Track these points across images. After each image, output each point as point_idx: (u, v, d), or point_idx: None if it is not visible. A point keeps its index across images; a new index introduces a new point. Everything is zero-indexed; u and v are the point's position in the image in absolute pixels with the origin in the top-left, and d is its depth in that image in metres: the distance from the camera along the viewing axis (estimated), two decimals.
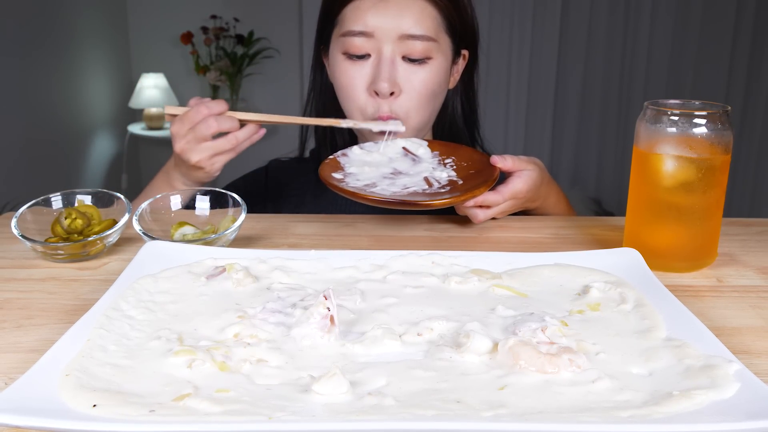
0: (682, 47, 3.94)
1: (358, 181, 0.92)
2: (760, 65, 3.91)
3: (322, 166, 0.97)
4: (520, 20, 3.92)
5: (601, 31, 3.94)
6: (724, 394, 0.49)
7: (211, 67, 3.85)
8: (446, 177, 0.96)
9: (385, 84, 1.03)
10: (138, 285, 0.67)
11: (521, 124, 4.09)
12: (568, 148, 4.16)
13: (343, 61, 1.07)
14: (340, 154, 1.01)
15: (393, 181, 0.94)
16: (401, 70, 1.05)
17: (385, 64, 1.04)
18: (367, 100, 1.06)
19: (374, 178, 0.94)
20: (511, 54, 3.97)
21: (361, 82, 1.06)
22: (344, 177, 0.94)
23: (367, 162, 0.99)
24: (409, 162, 1.00)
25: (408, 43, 1.04)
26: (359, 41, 1.04)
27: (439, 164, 0.99)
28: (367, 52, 1.05)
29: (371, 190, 0.89)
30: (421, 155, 1.01)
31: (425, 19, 1.05)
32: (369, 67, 1.06)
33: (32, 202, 0.86)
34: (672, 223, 0.80)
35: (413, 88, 1.06)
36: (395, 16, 1.03)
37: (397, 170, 0.97)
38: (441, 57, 1.08)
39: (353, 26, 1.05)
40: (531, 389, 0.51)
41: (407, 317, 0.63)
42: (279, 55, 3.99)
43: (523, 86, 4.02)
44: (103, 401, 0.47)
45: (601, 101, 4.05)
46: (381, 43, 1.04)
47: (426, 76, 1.06)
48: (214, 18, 3.84)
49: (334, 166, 0.98)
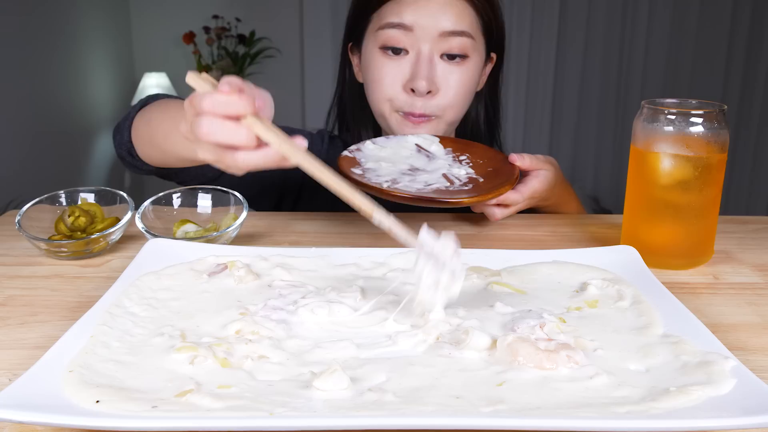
0: (679, 46, 3.94)
1: (379, 177, 0.91)
2: (756, 64, 3.92)
3: (340, 161, 0.95)
4: (519, 19, 3.92)
5: (598, 31, 3.95)
6: (720, 390, 0.50)
7: (213, 66, 3.85)
8: (465, 174, 0.95)
9: (424, 82, 1.02)
10: (141, 282, 0.68)
11: (520, 122, 4.09)
12: (566, 147, 4.17)
13: (380, 56, 1.05)
14: (355, 149, 1.00)
15: (413, 177, 0.93)
16: (440, 69, 1.04)
17: (424, 62, 1.03)
18: (401, 95, 1.05)
19: (394, 174, 0.93)
20: (509, 53, 3.95)
21: (398, 78, 1.04)
22: (364, 173, 0.93)
23: (382, 158, 0.98)
24: (424, 159, 0.99)
25: (448, 41, 1.03)
26: (398, 34, 1.03)
27: (455, 161, 0.99)
28: (405, 47, 1.04)
29: (395, 186, 0.88)
30: (434, 152, 1.01)
31: (465, 17, 1.04)
32: (407, 64, 1.04)
33: (36, 200, 0.87)
34: (669, 221, 0.81)
35: (450, 87, 1.05)
36: (435, 14, 1.02)
37: (414, 167, 0.96)
38: (477, 56, 1.07)
39: (392, 19, 1.03)
40: (529, 385, 0.52)
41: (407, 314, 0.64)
42: (280, 55, 3.99)
43: (522, 85, 4.03)
44: (106, 397, 0.48)
45: (598, 100, 4.06)
46: (420, 41, 1.03)
47: (463, 75, 1.05)
48: (216, 18, 3.85)
49: (351, 161, 0.97)
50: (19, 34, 2.90)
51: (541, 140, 4.11)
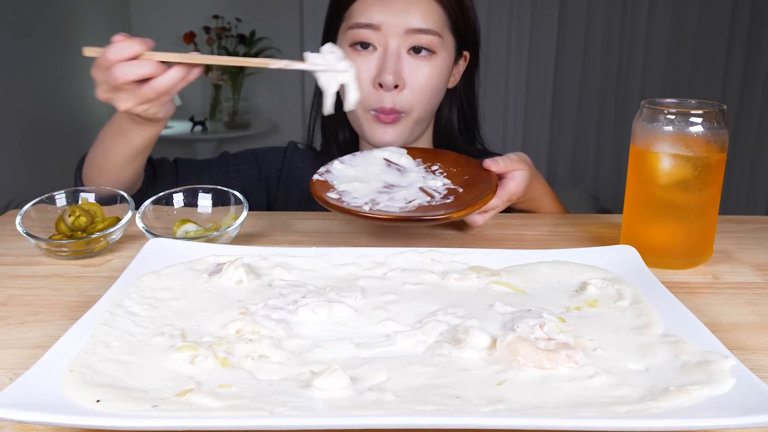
0: (679, 46, 3.94)
1: (356, 200, 0.89)
2: (755, 64, 3.92)
3: (312, 186, 0.92)
4: (519, 18, 3.92)
5: (598, 30, 3.95)
6: (719, 389, 0.50)
7: (213, 66, 3.86)
8: (442, 185, 0.94)
9: (390, 77, 1.04)
10: (141, 282, 0.68)
11: (519, 122, 4.09)
12: (566, 147, 4.17)
13: (350, 53, 1.08)
14: (324, 171, 0.97)
15: (391, 195, 0.91)
16: (406, 64, 1.06)
17: (391, 57, 1.05)
18: (371, 91, 1.07)
19: (371, 194, 0.91)
20: (509, 52, 3.97)
21: (366, 74, 1.07)
22: (340, 196, 0.90)
23: (353, 177, 0.96)
24: (395, 173, 0.98)
25: (414, 37, 1.06)
26: (366, 33, 1.06)
27: (428, 172, 0.98)
28: (373, 43, 1.07)
29: (377, 208, 0.86)
30: (405, 165, 1.00)
31: (431, 15, 1.07)
32: (374, 60, 1.07)
33: (36, 200, 0.87)
34: (668, 220, 0.81)
35: (417, 83, 1.07)
36: (401, 12, 1.05)
37: (389, 183, 0.95)
38: (445, 53, 1.09)
39: (360, 19, 1.06)
40: (529, 385, 0.52)
41: (407, 314, 0.64)
42: (280, 55, 3.99)
43: (522, 84, 4.03)
44: (107, 396, 0.48)
45: (598, 100, 4.06)
46: (387, 38, 1.06)
47: (430, 71, 1.07)
48: (216, 18, 3.85)
49: (324, 185, 0.93)
50: (20, 34, 2.90)
51: (541, 140, 4.11)
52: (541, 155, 4.09)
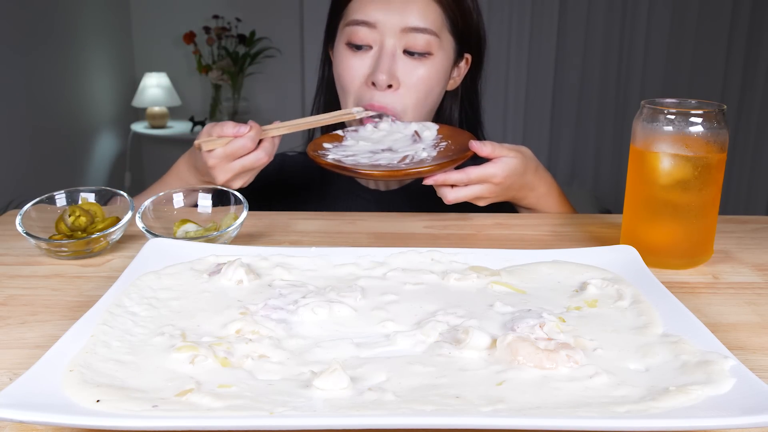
0: (679, 46, 3.94)
1: (340, 153, 0.96)
2: (755, 64, 3.92)
3: (326, 135, 1.02)
4: (519, 18, 3.92)
5: (598, 30, 3.95)
6: (719, 389, 0.50)
7: (214, 66, 3.86)
8: (427, 156, 0.96)
9: (383, 76, 1.04)
10: (141, 282, 0.68)
11: (519, 121, 4.10)
12: (566, 147, 4.17)
13: (346, 51, 1.08)
14: (352, 130, 1.04)
15: (373, 156, 0.96)
16: (401, 64, 1.06)
17: (386, 56, 1.05)
18: (364, 90, 1.07)
19: (360, 152, 0.96)
20: (509, 52, 3.98)
21: (360, 72, 1.07)
22: (332, 147, 0.97)
23: (369, 138, 1.01)
24: (409, 142, 1.01)
25: (410, 36, 1.05)
26: (362, 31, 1.06)
27: (433, 147, 0.99)
28: (369, 43, 1.06)
29: (347, 161, 0.92)
30: (425, 137, 1.02)
31: (429, 14, 1.06)
32: (369, 59, 1.06)
33: (36, 200, 0.87)
34: (668, 220, 0.81)
35: (412, 83, 1.06)
36: (399, 10, 1.05)
37: (391, 148, 0.98)
38: (442, 54, 1.08)
39: (357, 16, 1.06)
40: (529, 385, 0.52)
41: (407, 314, 0.64)
42: (280, 55, 3.99)
43: (522, 84, 4.03)
44: (107, 396, 0.48)
45: (598, 100, 4.06)
46: (383, 36, 1.05)
47: (426, 72, 1.07)
48: (216, 18, 3.85)
49: (335, 137, 1.02)
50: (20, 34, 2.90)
51: (541, 140, 4.11)
52: (541, 155, 4.08)
